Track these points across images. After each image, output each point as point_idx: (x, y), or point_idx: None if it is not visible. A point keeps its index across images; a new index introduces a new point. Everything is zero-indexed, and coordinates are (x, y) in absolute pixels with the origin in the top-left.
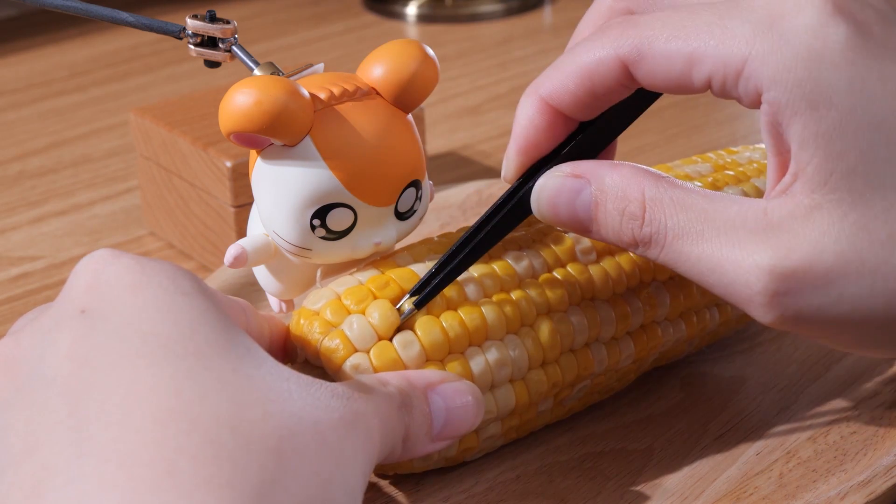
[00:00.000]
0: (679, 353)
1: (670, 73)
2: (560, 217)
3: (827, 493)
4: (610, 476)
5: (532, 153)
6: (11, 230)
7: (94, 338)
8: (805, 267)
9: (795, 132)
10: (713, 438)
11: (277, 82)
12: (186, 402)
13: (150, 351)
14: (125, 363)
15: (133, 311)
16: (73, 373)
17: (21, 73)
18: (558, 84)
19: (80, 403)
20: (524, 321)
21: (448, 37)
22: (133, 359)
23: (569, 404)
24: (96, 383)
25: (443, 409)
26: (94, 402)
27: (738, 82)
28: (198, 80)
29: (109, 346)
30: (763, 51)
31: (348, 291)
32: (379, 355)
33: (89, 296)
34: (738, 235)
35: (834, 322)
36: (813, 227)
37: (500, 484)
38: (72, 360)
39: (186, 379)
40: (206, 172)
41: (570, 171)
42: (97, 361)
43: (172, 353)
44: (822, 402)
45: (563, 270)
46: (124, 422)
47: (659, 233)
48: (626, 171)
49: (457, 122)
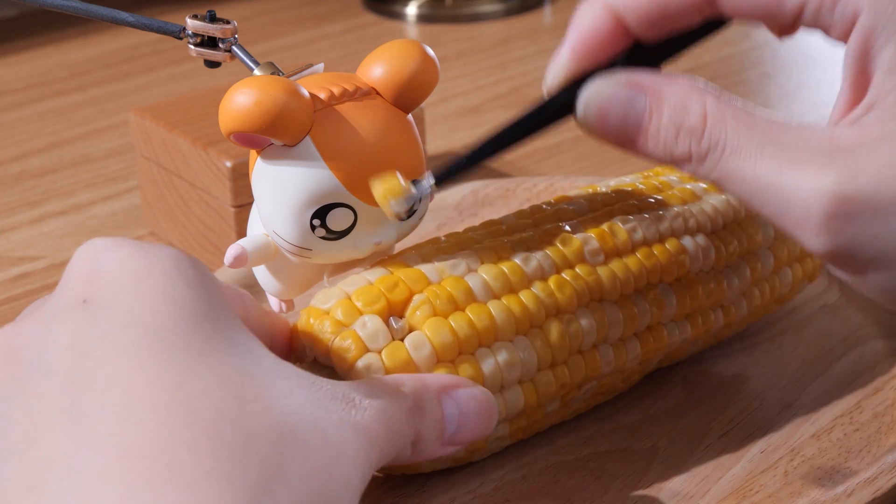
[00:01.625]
0: (683, 355)
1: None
2: (608, 126)
3: (833, 491)
4: (615, 475)
5: (584, 63)
6: (11, 230)
7: (95, 329)
8: (869, 192)
9: (884, 59)
10: (717, 437)
11: (277, 82)
12: (188, 394)
13: (152, 343)
14: (126, 355)
15: (135, 301)
16: (74, 364)
17: (21, 73)
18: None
19: (81, 395)
20: (533, 322)
21: (448, 37)
22: (134, 350)
23: (575, 405)
24: (97, 375)
25: (456, 413)
26: (95, 394)
27: (835, 6)
28: (198, 80)
29: (111, 338)
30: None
31: (359, 292)
32: (390, 356)
33: (91, 285)
34: (801, 156)
35: (884, 257)
36: (882, 154)
37: (506, 484)
38: (73, 351)
39: (188, 372)
40: (206, 172)
41: (626, 79)
42: (98, 353)
43: (174, 345)
44: (825, 399)
45: (572, 272)
46: (125, 414)
47: (717, 147)
48: (686, 85)
49: (457, 122)
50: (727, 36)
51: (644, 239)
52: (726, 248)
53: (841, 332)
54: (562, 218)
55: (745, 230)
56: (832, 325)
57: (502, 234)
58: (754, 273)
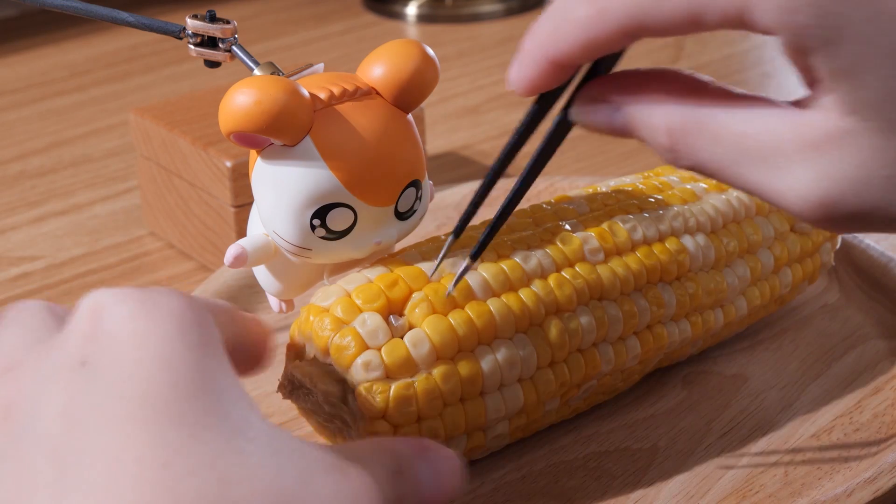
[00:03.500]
0: (683, 355)
1: (677, 30)
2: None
3: (833, 491)
4: (615, 475)
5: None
6: (11, 230)
7: (89, 396)
8: (852, 197)
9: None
10: (717, 437)
11: (277, 82)
12: (172, 476)
13: (145, 415)
14: (117, 427)
15: (133, 368)
16: (63, 433)
17: (21, 73)
18: (564, 52)
19: (67, 469)
20: (533, 320)
21: (448, 37)
22: (125, 423)
23: (574, 404)
24: (85, 449)
25: (431, 476)
26: (81, 469)
27: (749, 27)
28: (198, 80)
29: (104, 408)
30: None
31: (358, 289)
32: (390, 353)
33: (92, 345)
34: (776, 162)
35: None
36: (853, 154)
37: (505, 484)
38: (65, 418)
39: (176, 451)
40: (206, 172)
41: (597, 94)
42: (89, 423)
43: (168, 418)
44: (825, 399)
45: (572, 270)
46: (105, 495)
47: (696, 165)
48: (650, 96)
49: (457, 122)
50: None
51: (644, 238)
52: (726, 247)
53: (841, 332)
54: (562, 217)
55: (744, 230)
56: (832, 325)
57: (502, 233)
58: (754, 273)
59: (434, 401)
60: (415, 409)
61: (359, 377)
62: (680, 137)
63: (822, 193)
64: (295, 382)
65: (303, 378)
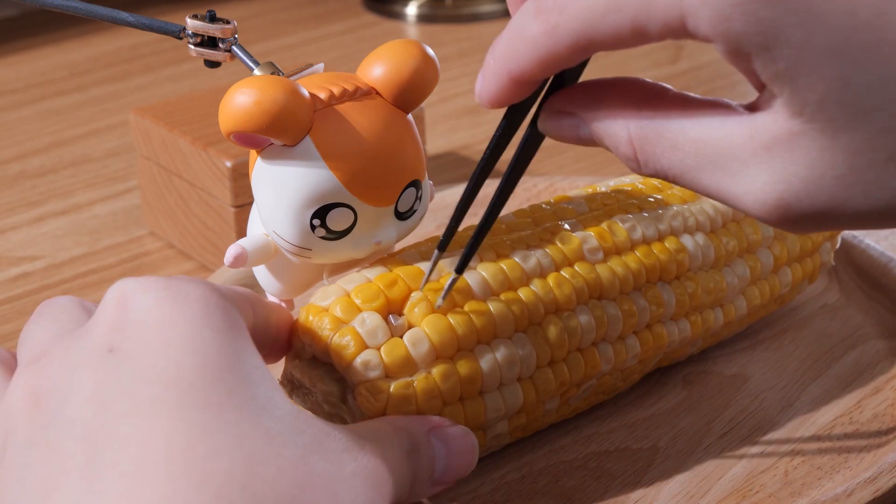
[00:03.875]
0: (682, 355)
1: (625, 43)
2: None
3: (833, 491)
4: (615, 475)
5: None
6: (11, 230)
7: (118, 381)
8: (806, 198)
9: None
10: (717, 437)
11: (277, 82)
12: (200, 456)
13: (172, 398)
14: (145, 411)
15: (160, 354)
16: (93, 418)
17: (21, 73)
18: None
19: (97, 452)
20: (532, 319)
21: (448, 37)
22: (154, 406)
23: (574, 404)
24: (115, 431)
25: (444, 453)
26: (111, 452)
27: (690, 36)
28: (198, 80)
29: (132, 392)
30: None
31: (358, 289)
32: (389, 352)
33: (119, 333)
34: (732, 167)
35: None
36: (803, 155)
37: (505, 484)
38: (94, 404)
39: (203, 431)
40: (206, 172)
41: (560, 107)
42: (118, 407)
43: (195, 400)
44: (825, 399)
45: (571, 269)
46: (136, 474)
47: (658, 172)
48: (610, 107)
49: (457, 122)
50: None
51: (643, 237)
52: (725, 247)
53: (841, 332)
54: (561, 217)
55: (744, 229)
56: (832, 325)
57: (502, 233)
58: (754, 272)
59: (433, 400)
60: (414, 409)
61: (358, 376)
62: (640, 146)
63: (776, 196)
64: (294, 382)
65: (302, 377)
